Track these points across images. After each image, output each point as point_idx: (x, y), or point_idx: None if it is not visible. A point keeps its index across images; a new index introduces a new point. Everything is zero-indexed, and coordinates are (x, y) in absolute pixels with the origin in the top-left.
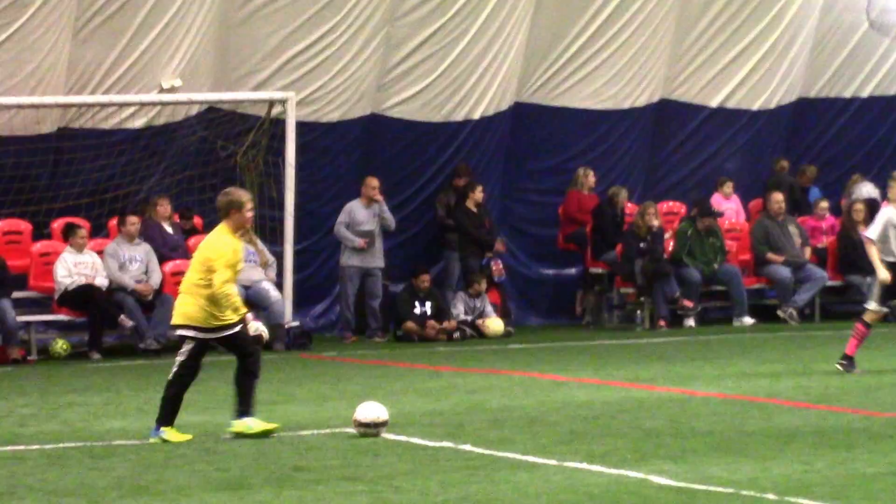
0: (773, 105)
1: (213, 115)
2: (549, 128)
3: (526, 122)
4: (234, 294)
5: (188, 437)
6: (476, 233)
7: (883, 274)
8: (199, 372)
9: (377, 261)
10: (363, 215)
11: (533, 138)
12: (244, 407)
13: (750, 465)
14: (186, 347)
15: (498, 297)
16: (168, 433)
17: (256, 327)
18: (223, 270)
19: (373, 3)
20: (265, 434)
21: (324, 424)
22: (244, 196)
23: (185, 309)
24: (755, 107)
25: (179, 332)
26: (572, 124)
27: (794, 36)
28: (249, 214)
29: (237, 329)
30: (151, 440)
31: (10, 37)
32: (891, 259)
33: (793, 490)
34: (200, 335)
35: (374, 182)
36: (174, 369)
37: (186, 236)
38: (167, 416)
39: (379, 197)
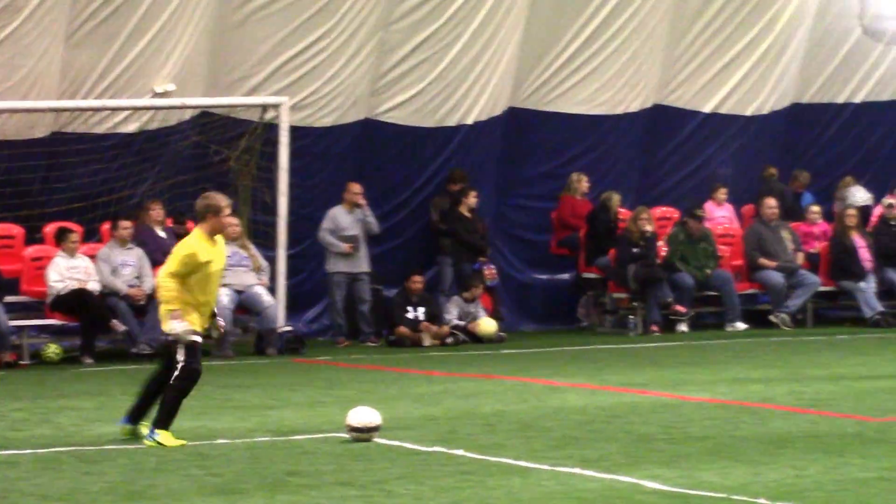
0: (766, 110)
1: (207, 120)
2: (542, 133)
3: (520, 128)
4: (168, 288)
5: (182, 442)
6: (469, 238)
7: None
8: (200, 376)
9: (363, 265)
10: (347, 221)
11: (527, 143)
12: (138, 413)
13: (742, 471)
14: (180, 353)
15: (490, 301)
16: (163, 436)
17: (176, 329)
18: (170, 265)
19: (366, 8)
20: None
21: (317, 429)
22: (222, 201)
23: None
24: (748, 112)
25: (168, 337)
26: (566, 129)
27: (788, 41)
28: (227, 220)
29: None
30: (146, 443)
31: (3, 41)
32: None
33: (785, 495)
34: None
35: (356, 187)
36: (176, 373)
37: (179, 241)
38: (164, 419)
39: (362, 202)
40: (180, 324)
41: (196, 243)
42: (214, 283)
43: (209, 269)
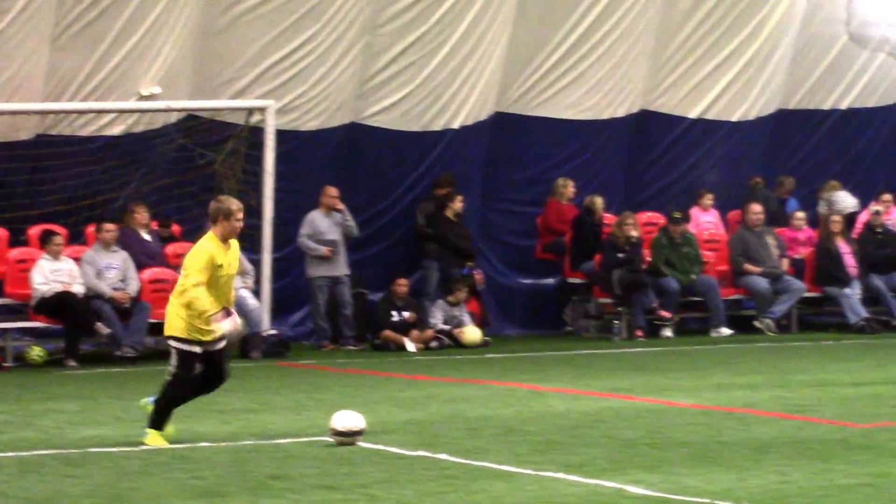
0: (752, 116)
1: (192, 123)
2: (529, 138)
3: (506, 132)
4: (201, 297)
5: (165, 444)
6: (457, 242)
7: None
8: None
9: (343, 269)
10: (325, 224)
11: (513, 148)
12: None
13: (726, 476)
14: (173, 359)
15: (478, 306)
16: (150, 436)
17: (226, 328)
18: (194, 274)
19: (353, 11)
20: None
21: (301, 433)
22: (234, 205)
23: (168, 319)
24: (735, 118)
25: (167, 341)
26: (552, 134)
27: (774, 47)
28: (238, 224)
29: (218, 347)
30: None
31: None
32: None
33: (769, 501)
34: (183, 346)
35: (332, 191)
36: (167, 378)
37: (164, 244)
38: (156, 420)
39: (340, 205)
40: (227, 322)
41: (211, 247)
42: (225, 288)
43: (221, 273)
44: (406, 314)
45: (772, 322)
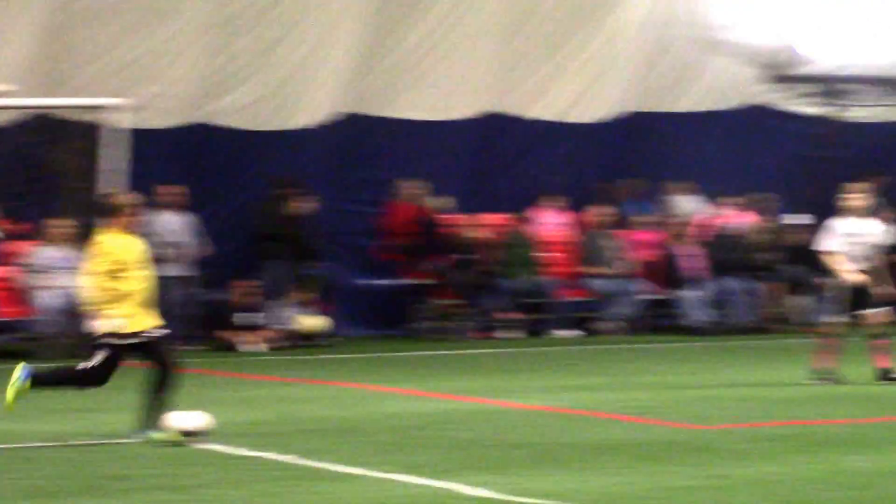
0: (599, 118)
1: (39, 122)
2: (374, 138)
3: (352, 132)
4: (103, 288)
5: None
6: (301, 242)
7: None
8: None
9: (186, 269)
10: (164, 224)
11: (358, 148)
12: (153, 420)
13: (568, 477)
14: (98, 356)
15: (323, 306)
16: (13, 389)
17: (111, 325)
18: (98, 263)
19: (200, 9)
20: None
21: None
22: (123, 199)
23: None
24: (583, 120)
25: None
26: (398, 135)
27: (623, 49)
28: (132, 218)
29: (154, 336)
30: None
31: None
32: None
33: (609, 502)
34: (117, 341)
35: (171, 189)
36: (81, 366)
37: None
38: (39, 382)
39: (179, 204)
40: (113, 321)
41: (106, 238)
42: (139, 282)
43: (128, 264)
44: (248, 319)
45: (614, 324)
